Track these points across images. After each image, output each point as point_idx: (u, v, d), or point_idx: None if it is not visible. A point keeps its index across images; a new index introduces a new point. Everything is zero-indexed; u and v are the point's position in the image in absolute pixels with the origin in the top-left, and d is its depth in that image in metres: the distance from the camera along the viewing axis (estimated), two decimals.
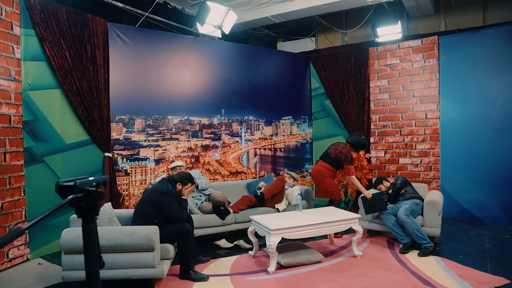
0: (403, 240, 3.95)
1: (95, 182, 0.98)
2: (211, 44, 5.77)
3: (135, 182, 4.97)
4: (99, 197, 0.96)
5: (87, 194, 0.95)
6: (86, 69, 4.42)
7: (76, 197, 0.93)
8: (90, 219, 1.00)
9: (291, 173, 5.21)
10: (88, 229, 1.00)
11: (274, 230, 3.27)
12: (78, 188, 0.94)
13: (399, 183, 4.32)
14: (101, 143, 4.58)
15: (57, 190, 0.96)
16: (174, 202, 3.26)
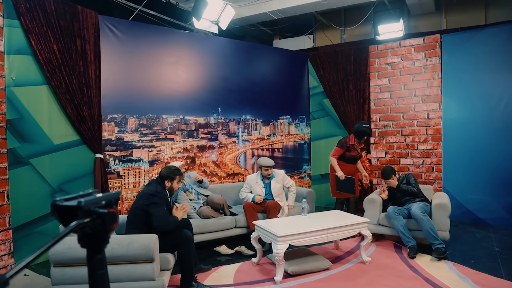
0: (410, 243, 3.79)
1: (106, 200, 0.74)
2: (207, 40, 5.53)
3: (128, 185, 4.71)
4: (111, 220, 0.73)
5: (95, 218, 0.71)
6: (76, 64, 4.14)
7: (81, 224, 0.69)
8: (98, 250, 0.76)
9: (262, 162, 4.49)
10: (96, 262, 0.76)
11: (282, 237, 3.06)
12: (83, 210, 0.69)
13: (415, 184, 4.15)
14: (91, 143, 4.31)
15: (54, 212, 0.71)
16: (162, 205, 3.01)
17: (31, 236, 3.77)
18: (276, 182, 4.51)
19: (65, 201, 0.71)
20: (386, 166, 4.42)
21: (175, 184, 3.22)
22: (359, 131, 4.71)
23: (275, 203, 4.26)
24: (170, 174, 3.19)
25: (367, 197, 4.32)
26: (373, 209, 4.21)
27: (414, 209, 3.83)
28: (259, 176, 4.56)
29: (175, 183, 3.22)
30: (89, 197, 0.71)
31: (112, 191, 0.78)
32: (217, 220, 4.09)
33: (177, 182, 3.23)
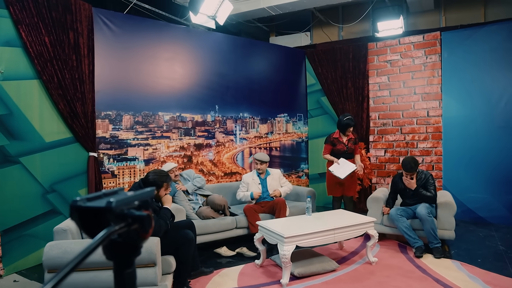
0: (416, 243, 3.71)
1: (140, 200, 0.59)
2: (204, 36, 5.37)
3: (123, 185, 4.52)
4: (149, 224, 0.58)
5: (131, 223, 0.56)
6: (69, 58, 3.95)
7: (114, 231, 0.54)
8: (129, 262, 0.61)
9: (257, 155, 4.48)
10: (127, 278, 0.60)
11: (288, 238, 2.94)
12: (114, 212, 0.54)
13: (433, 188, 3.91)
14: (85, 141, 4.12)
15: (74, 215, 0.57)
16: None
17: (21, 240, 3.57)
18: (272, 180, 4.48)
19: (88, 201, 0.57)
20: (408, 157, 4.01)
21: (162, 191, 2.84)
22: (341, 124, 4.64)
23: (283, 200, 4.15)
24: (157, 181, 2.80)
25: (371, 195, 4.23)
26: (376, 208, 4.12)
27: (420, 209, 3.75)
28: (255, 173, 4.52)
29: (162, 191, 2.84)
30: (120, 196, 0.57)
31: (145, 189, 0.63)
32: (218, 221, 3.95)
33: (165, 189, 2.86)
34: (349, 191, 4.63)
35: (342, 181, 4.51)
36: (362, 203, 5.79)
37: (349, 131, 4.67)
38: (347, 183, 4.57)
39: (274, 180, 4.50)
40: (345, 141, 4.65)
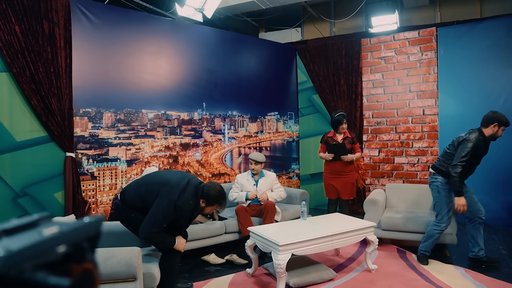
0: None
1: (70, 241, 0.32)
2: (191, 29, 5.08)
3: (104, 187, 4.21)
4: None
5: None
6: (43, 50, 3.63)
7: None
8: None
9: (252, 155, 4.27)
10: None
11: (283, 246, 2.69)
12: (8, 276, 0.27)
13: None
14: (61, 140, 3.80)
15: None
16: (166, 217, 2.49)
17: None
18: (263, 182, 4.22)
19: None
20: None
21: (208, 209, 2.64)
22: (332, 121, 4.42)
23: (272, 203, 3.90)
24: (212, 199, 2.57)
25: (368, 198, 4.01)
26: (374, 211, 3.91)
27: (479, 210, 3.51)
28: (250, 174, 4.28)
29: (209, 209, 2.65)
30: (28, 235, 0.30)
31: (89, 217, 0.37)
32: (206, 226, 3.67)
33: (211, 209, 2.66)
34: (345, 194, 4.32)
35: (338, 183, 4.28)
36: (356, 204, 5.60)
37: (343, 128, 4.37)
38: (343, 185, 4.30)
39: (266, 183, 4.23)
40: (340, 140, 4.35)
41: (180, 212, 2.51)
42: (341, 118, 4.32)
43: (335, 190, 4.33)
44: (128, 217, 2.64)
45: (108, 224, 2.95)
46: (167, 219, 2.50)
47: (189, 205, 2.52)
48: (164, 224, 2.50)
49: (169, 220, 2.51)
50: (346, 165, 4.30)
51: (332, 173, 4.35)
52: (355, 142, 4.41)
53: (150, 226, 2.45)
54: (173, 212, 2.49)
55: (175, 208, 2.47)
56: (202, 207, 2.60)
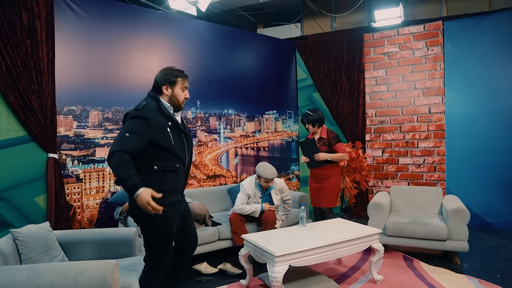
0: None
1: None
2: (185, 23, 4.82)
3: (90, 190, 3.95)
4: None
5: None
6: (22, 43, 3.37)
7: None
8: None
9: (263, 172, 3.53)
10: None
11: (280, 257, 2.42)
12: None
13: None
14: (43, 140, 3.53)
15: None
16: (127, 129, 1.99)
17: None
18: (275, 194, 3.70)
19: None
20: None
21: (177, 90, 2.15)
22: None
23: (273, 216, 3.59)
24: (168, 76, 2.15)
25: (372, 201, 3.74)
26: (379, 216, 3.64)
27: None
28: (257, 186, 3.67)
29: (178, 89, 2.15)
30: None
31: None
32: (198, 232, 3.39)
33: (181, 89, 2.17)
34: (323, 202, 3.71)
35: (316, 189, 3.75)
36: (358, 207, 5.33)
37: (311, 129, 3.77)
38: (320, 192, 3.72)
39: (277, 194, 3.72)
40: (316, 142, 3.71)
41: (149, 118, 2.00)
42: (303, 118, 3.77)
43: (315, 197, 3.77)
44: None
45: (85, 232, 2.69)
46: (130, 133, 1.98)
47: (144, 105, 2.06)
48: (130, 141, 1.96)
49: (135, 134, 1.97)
50: (324, 169, 3.66)
51: (312, 178, 3.82)
52: (332, 143, 3.69)
53: (115, 143, 1.96)
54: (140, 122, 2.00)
55: (136, 111, 2.04)
56: (170, 95, 2.13)
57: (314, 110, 3.77)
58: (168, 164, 2.09)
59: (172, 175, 2.10)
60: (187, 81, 2.20)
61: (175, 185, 2.14)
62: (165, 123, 2.08)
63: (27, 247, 2.23)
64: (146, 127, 2.00)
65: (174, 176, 2.12)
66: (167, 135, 2.06)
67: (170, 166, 2.09)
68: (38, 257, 2.26)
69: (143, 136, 2.00)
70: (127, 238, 2.69)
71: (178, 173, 2.14)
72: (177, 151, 2.11)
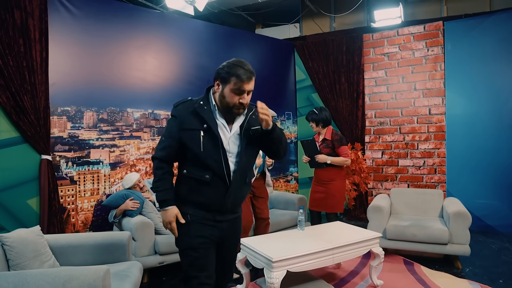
0: None
1: None
2: (182, 23, 4.75)
3: (85, 193, 3.87)
4: None
5: None
6: (14, 42, 3.30)
7: None
8: None
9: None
10: None
11: (277, 262, 2.35)
12: None
13: None
14: (36, 142, 3.46)
15: None
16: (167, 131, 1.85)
17: None
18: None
19: None
20: None
21: (227, 91, 1.74)
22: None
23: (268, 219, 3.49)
24: (222, 70, 1.76)
25: (372, 204, 3.67)
26: (378, 219, 3.57)
27: None
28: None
29: (228, 90, 1.74)
30: None
31: None
32: None
33: (233, 91, 1.74)
34: (326, 206, 3.60)
35: (318, 193, 3.65)
36: (358, 210, 5.26)
37: (314, 128, 3.71)
38: (322, 196, 3.61)
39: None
40: (318, 141, 3.69)
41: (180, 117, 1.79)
42: (308, 117, 3.75)
43: (315, 200, 3.67)
44: None
45: (77, 237, 2.62)
46: (167, 136, 1.82)
47: (182, 101, 1.85)
48: (166, 146, 1.80)
49: (171, 139, 1.79)
50: (326, 172, 3.59)
51: (316, 180, 3.73)
52: (335, 146, 3.58)
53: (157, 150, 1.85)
54: (172, 123, 1.82)
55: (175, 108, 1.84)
56: (220, 93, 1.77)
57: (321, 109, 3.72)
58: (197, 172, 1.78)
59: (201, 186, 1.78)
60: (245, 84, 1.74)
61: (201, 199, 1.79)
62: (199, 125, 1.76)
63: (16, 252, 2.15)
64: (178, 127, 1.78)
65: (203, 188, 1.78)
66: (197, 139, 1.75)
67: (199, 175, 1.77)
68: (27, 263, 2.18)
69: (176, 140, 1.79)
70: (120, 242, 2.61)
71: (209, 185, 1.77)
72: (205, 160, 1.75)
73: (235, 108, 1.78)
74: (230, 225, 1.89)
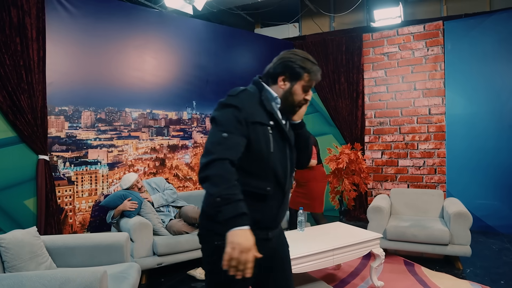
0: None
1: None
2: (180, 22, 4.72)
3: (82, 193, 3.84)
4: None
5: None
6: (11, 40, 3.26)
7: None
8: None
9: None
10: None
11: None
12: None
13: None
14: (33, 142, 3.42)
15: None
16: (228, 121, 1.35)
17: None
18: None
19: None
20: None
21: (298, 87, 1.47)
22: None
23: None
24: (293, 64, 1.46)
25: (372, 204, 3.65)
26: (378, 219, 3.55)
27: None
28: None
29: (299, 87, 1.47)
30: None
31: None
32: (192, 237, 3.30)
33: (303, 87, 1.48)
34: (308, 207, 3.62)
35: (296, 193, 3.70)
36: (358, 210, 5.24)
37: None
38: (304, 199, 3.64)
39: None
40: None
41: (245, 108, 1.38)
42: None
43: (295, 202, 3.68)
44: None
45: (74, 238, 2.58)
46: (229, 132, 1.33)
47: (240, 91, 1.44)
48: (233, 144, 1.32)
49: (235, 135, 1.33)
50: (302, 173, 3.68)
51: (295, 182, 3.83)
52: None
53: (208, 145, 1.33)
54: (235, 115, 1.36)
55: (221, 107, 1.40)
56: (287, 90, 1.48)
57: None
58: (255, 183, 1.39)
59: (258, 202, 1.39)
60: (315, 79, 1.50)
61: (258, 216, 1.38)
62: (266, 120, 1.42)
63: (11, 254, 2.12)
64: (245, 120, 1.36)
65: (260, 205, 1.40)
66: (267, 136, 1.41)
67: (257, 187, 1.39)
68: (23, 265, 2.15)
69: (244, 138, 1.36)
70: (118, 243, 2.58)
71: (267, 200, 1.41)
72: (274, 164, 1.41)
73: (299, 106, 1.52)
74: (277, 239, 1.53)
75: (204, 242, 1.45)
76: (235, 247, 1.16)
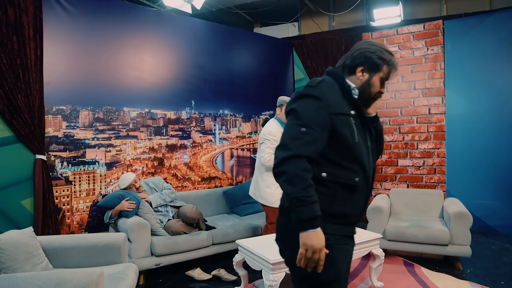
0: None
1: None
2: (179, 21, 4.69)
3: (80, 193, 3.81)
4: None
5: None
6: (8, 39, 3.23)
7: None
8: None
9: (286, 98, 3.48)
10: None
11: (276, 264, 2.30)
12: None
13: None
14: (30, 141, 3.39)
15: None
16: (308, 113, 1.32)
17: None
18: None
19: None
20: None
21: (376, 79, 1.44)
22: None
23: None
24: (372, 56, 1.42)
25: (371, 204, 3.63)
26: (378, 219, 3.53)
27: None
28: (279, 122, 3.36)
29: (377, 79, 1.43)
30: None
31: None
32: (190, 237, 3.28)
33: (381, 80, 1.45)
34: None
35: None
36: None
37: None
38: None
39: None
40: None
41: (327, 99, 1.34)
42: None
43: None
44: None
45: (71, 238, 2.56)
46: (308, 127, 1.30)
47: (319, 81, 1.39)
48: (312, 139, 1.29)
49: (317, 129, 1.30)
50: None
51: None
52: None
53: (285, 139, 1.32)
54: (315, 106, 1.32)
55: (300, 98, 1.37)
56: (365, 81, 1.43)
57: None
58: (344, 173, 1.36)
59: (347, 193, 1.37)
60: (394, 71, 1.47)
61: (347, 210, 1.39)
62: (347, 110, 1.39)
63: (7, 254, 2.09)
64: (327, 111, 1.32)
65: (350, 196, 1.38)
66: (351, 127, 1.36)
67: (347, 178, 1.36)
68: (19, 266, 2.12)
69: (327, 131, 1.32)
70: (115, 244, 2.55)
71: (356, 192, 1.38)
72: (360, 154, 1.38)
73: (374, 99, 1.48)
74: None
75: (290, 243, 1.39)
76: (308, 248, 1.23)
